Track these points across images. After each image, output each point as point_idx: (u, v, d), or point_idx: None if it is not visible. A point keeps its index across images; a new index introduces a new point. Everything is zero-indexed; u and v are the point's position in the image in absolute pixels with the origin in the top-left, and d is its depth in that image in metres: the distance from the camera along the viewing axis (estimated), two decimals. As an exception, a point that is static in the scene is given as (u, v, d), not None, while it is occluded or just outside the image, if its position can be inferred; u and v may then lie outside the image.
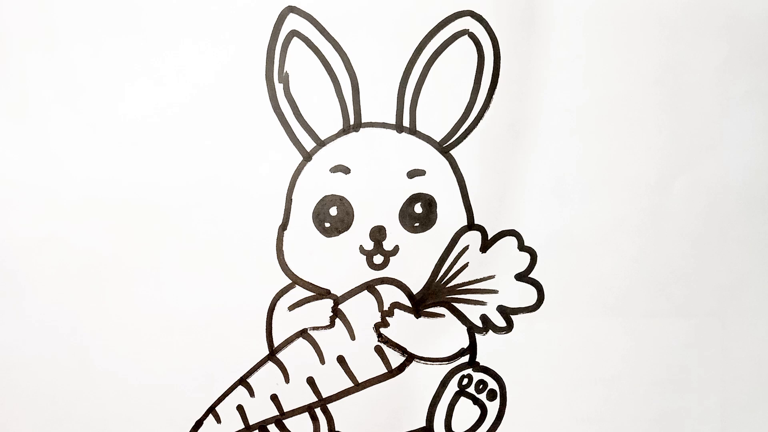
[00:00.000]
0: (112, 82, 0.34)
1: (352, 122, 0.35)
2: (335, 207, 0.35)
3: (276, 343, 0.35)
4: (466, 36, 0.35)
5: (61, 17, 0.34)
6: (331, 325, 0.35)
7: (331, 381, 0.35)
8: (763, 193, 0.36)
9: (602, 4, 0.35)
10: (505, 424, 0.36)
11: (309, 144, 0.35)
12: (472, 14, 0.35)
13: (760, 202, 0.36)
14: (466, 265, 0.36)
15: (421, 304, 0.36)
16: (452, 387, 0.36)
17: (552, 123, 0.35)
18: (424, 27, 0.35)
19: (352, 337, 0.35)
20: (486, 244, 0.36)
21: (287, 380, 0.35)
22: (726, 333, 0.36)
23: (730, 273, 0.36)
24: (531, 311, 0.36)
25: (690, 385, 0.36)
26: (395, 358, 0.35)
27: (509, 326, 0.36)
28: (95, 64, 0.34)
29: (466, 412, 0.36)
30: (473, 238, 0.36)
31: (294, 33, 0.34)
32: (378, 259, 0.35)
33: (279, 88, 0.35)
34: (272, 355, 0.35)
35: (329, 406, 0.36)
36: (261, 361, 0.35)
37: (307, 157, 0.35)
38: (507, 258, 0.36)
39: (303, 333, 0.35)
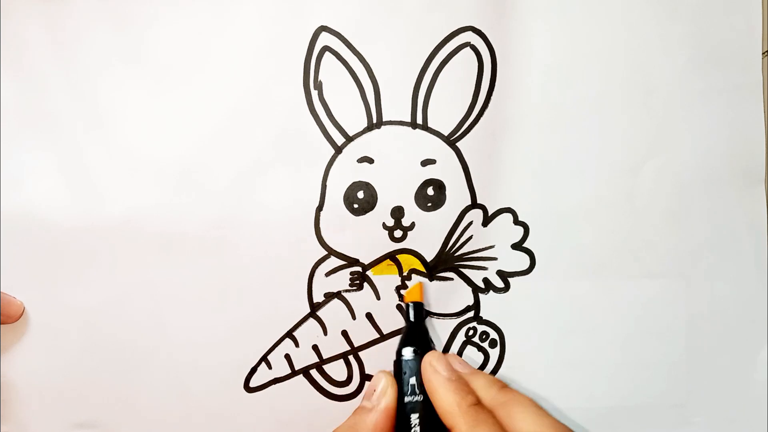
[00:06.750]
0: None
1: (374, 121, 0.37)
2: (362, 191, 0.37)
3: (315, 303, 0.37)
4: (468, 48, 0.36)
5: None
6: (360, 288, 0.37)
7: (362, 333, 0.37)
8: (718, 174, 0.37)
9: (578, 20, 0.37)
10: (505, 367, 0.37)
11: (339, 139, 0.37)
12: (473, 29, 0.36)
13: (715, 181, 0.37)
14: (470, 238, 0.37)
15: (433, 269, 0.37)
16: (460, 337, 0.37)
17: (540, 119, 0.37)
18: (433, 41, 0.37)
19: (378, 298, 0.37)
20: (486, 220, 0.37)
21: (325, 333, 0.37)
22: (689, 291, 0.37)
23: (691, 241, 0.37)
24: (525, 274, 0.37)
25: (659, 336, 0.37)
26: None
27: (507, 287, 0.37)
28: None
29: (472, 358, 0.37)
30: (476, 215, 0.37)
31: (326, 48, 0.36)
32: (398, 233, 0.37)
33: (314, 94, 0.37)
34: (313, 313, 0.37)
35: (360, 353, 0.37)
36: (304, 317, 0.37)
37: (338, 150, 0.37)
38: (504, 231, 0.37)
39: (338, 294, 0.37)
